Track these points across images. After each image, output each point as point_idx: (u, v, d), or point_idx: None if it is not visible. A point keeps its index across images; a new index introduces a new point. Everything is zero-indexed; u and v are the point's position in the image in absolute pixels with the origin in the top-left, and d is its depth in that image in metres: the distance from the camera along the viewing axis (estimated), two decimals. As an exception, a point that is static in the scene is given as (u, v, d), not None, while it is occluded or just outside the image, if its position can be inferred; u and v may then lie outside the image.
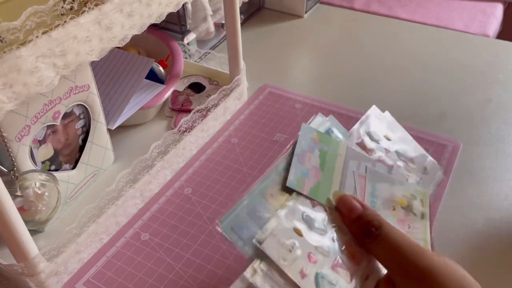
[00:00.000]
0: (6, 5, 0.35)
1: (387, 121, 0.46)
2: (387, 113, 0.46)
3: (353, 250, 0.35)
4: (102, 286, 0.44)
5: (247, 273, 0.31)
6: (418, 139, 0.46)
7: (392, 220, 0.38)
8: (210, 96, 0.60)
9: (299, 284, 0.31)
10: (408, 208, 0.40)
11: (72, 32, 0.36)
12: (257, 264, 0.31)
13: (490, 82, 0.70)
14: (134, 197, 0.50)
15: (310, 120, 0.41)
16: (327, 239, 0.35)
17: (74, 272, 0.45)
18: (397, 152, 0.44)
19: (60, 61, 0.36)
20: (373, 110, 0.46)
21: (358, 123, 0.44)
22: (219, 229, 0.32)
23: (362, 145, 0.42)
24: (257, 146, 0.58)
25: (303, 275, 0.32)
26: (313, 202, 0.36)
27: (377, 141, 0.44)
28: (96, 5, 0.38)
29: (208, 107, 0.59)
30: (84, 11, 0.37)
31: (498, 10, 0.96)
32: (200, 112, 0.58)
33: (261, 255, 0.32)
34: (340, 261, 0.34)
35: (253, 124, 0.62)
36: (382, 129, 0.45)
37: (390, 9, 0.93)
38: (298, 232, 0.34)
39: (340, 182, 0.39)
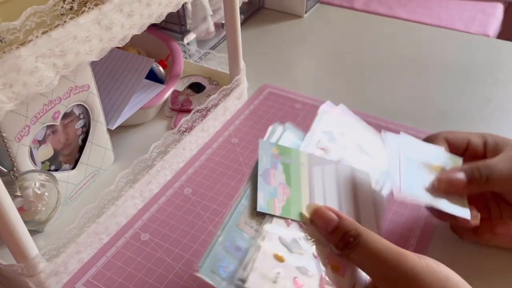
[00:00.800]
0: (6, 5, 0.35)
1: (342, 116, 0.45)
2: (341, 106, 0.46)
3: (336, 262, 0.35)
4: (102, 286, 0.44)
5: None
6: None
7: (431, 176, 0.41)
8: (210, 96, 0.60)
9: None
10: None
11: (72, 32, 0.36)
12: None
13: (490, 82, 0.70)
14: (134, 197, 0.50)
15: (268, 133, 0.41)
16: (308, 258, 0.34)
17: (74, 272, 0.45)
18: (359, 146, 0.44)
19: (60, 61, 0.36)
20: (326, 107, 0.45)
21: (314, 122, 0.43)
22: (199, 275, 0.31)
23: (322, 146, 0.42)
24: (257, 146, 0.58)
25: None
26: (287, 221, 0.36)
27: (335, 140, 0.43)
28: (96, 5, 0.38)
29: (208, 107, 0.59)
30: (84, 11, 0.37)
31: (498, 10, 0.96)
32: (200, 112, 0.58)
33: None
34: (326, 278, 0.34)
35: (253, 124, 0.62)
36: (339, 125, 0.45)
37: (390, 9, 0.93)
38: (279, 259, 0.33)
39: (309, 193, 0.38)
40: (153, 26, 0.50)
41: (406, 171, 0.41)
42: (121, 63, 0.61)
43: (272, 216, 0.35)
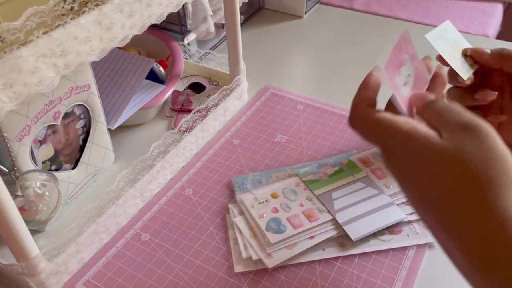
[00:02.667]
0: (6, 5, 0.36)
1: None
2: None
3: (311, 212, 0.48)
4: (102, 286, 0.44)
5: (230, 214, 0.49)
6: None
7: (452, 46, 0.48)
8: (210, 96, 0.60)
9: (257, 220, 0.47)
10: (463, 56, 0.48)
11: (73, 32, 0.36)
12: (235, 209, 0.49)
13: (490, 83, 0.70)
14: (134, 197, 0.50)
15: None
16: (294, 203, 0.49)
17: (74, 272, 0.45)
18: None
19: (61, 61, 0.36)
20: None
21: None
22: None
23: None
24: (259, 147, 0.58)
25: (261, 216, 0.47)
26: (298, 183, 0.51)
27: None
28: (97, 5, 0.38)
29: (208, 107, 0.59)
30: (85, 11, 0.37)
31: (498, 10, 0.96)
32: (200, 112, 0.58)
33: (241, 201, 0.49)
34: (298, 216, 0.47)
35: (255, 125, 0.62)
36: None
37: (390, 10, 0.93)
38: (274, 195, 0.50)
39: (337, 187, 0.51)
40: (153, 27, 0.50)
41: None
42: (122, 63, 0.61)
43: (295, 176, 0.53)
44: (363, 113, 0.38)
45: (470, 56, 0.49)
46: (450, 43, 0.48)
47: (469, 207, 0.32)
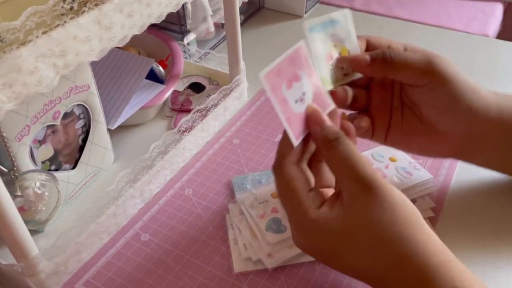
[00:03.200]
0: (6, 5, 0.35)
1: None
2: None
3: None
4: (101, 286, 0.44)
5: (230, 214, 0.49)
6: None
7: (325, 46, 0.41)
8: (210, 96, 0.60)
9: (256, 220, 0.46)
10: (342, 59, 0.42)
11: (72, 32, 0.36)
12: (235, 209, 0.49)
13: (490, 82, 0.70)
14: (134, 197, 0.50)
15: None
16: None
17: (74, 272, 0.45)
18: None
19: (60, 61, 0.36)
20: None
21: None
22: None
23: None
24: (259, 147, 0.58)
25: (261, 216, 0.46)
26: None
27: None
28: (96, 5, 0.38)
29: (208, 107, 0.59)
30: (84, 11, 0.37)
31: (498, 10, 0.96)
32: (200, 112, 0.58)
33: (241, 201, 0.49)
34: None
35: (255, 125, 0.62)
36: None
37: (390, 9, 0.93)
38: (274, 195, 0.48)
39: None
40: (153, 26, 0.50)
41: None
42: (121, 63, 0.61)
43: None
44: (288, 169, 0.37)
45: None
46: (333, 40, 0.41)
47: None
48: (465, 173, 0.53)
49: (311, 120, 0.37)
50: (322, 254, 0.37)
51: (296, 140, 0.36)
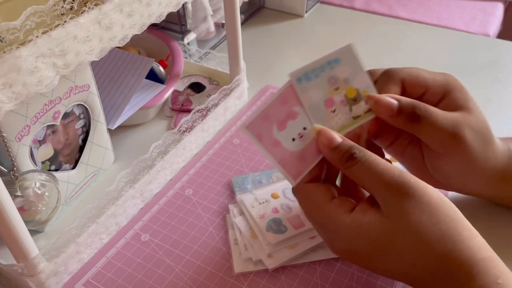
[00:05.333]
0: (6, 5, 0.35)
1: None
2: None
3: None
4: (101, 287, 0.44)
5: (230, 214, 0.49)
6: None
7: (322, 92, 0.37)
8: (210, 96, 0.60)
9: (257, 221, 0.45)
10: (349, 101, 0.37)
11: (72, 32, 0.36)
12: (235, 209, 0.49)
13: (490, 82, 0.70)
14: (134, 197, 0.50)
15: None
16: (295, 203, 0.47)
17: (74, 272, 0.45)
18: None
19: (60, 61, 0.36)
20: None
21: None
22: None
23: None
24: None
25: (261, 216, 0.46)
26: None
27: None
28: (96, 5, 0.38)
29: (208, 107, 0.59)
30: (84, 11, 0.37)
31: (499, 10, 0.96)
32: (200, 112, 0.58)
33: (241, 201, 0.49)
34: (299, 216, 0.45)
35: (254, 124, 0.62)
36: None
37: (391, 9, 0.93)
38: (274, 196, 0.48)
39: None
40: (153, 26, 0.50)
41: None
42: (121, 63, 0.61)
43: None
44: (304, 189, 0.37)
45: (366, 101, 0.37)
46: (333, 83, 0.37)
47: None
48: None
49: (320, 144, 0.36)
50: (360, 259, 0.36)
51: (294, 180, 0.35)
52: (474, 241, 0.33)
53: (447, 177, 0.41)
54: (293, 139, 0.36)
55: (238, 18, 0.58)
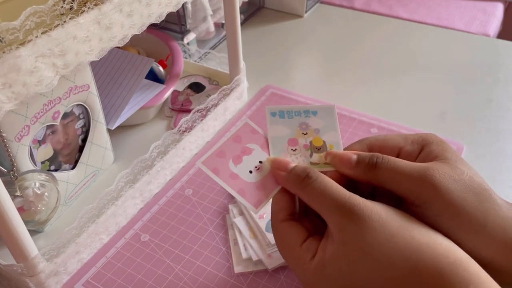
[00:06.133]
0: (5, 5, 0.35)
1: None
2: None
3: None
4: (101, 287, 0.44)
5: (230, 215, 0.49)
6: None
7: (290, 131, 0.39)
8: (210, 96, 0.60)
9: (257, 221, 0.45)
10: (312, 147, 0.39)
11: (72, 32, 0.36)
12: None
13: (490, 82, 0.70)
14: (134, 197, 0.50)
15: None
16: None
17: (73, 272, 0.45)
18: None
19: (60, 61, 0.36)
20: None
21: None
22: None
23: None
24: (257, 146, 0.58)
25: (261, 217, 0.46)
26: None
27: None
28: (96, 5, 0.38)
29: (208, 107, 0.59)
30: (84, 11, 0.37)
31: (499, 10, 0.96)
32: (200, 112, 0.58)
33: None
34: None
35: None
36: None
37: (391, 9, 0.93)
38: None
39: None
40: (153, 26, 0.50)
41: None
42: (121, 63, 0.61)
43: None
44: (278, 226, 0.36)
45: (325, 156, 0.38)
46: (304, 129, 0.40)
47: None
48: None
49: (274, 169, 0.37)
50: None
51: (256, 208, 0.36)
52: (440, 247, 0.31)
53: (443, 231, 0.34)
54: (250, 172, 0.38)
55: (238, 18, 0.58)
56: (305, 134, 0.39)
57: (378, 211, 0.32)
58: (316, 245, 0.34)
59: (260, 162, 0.38)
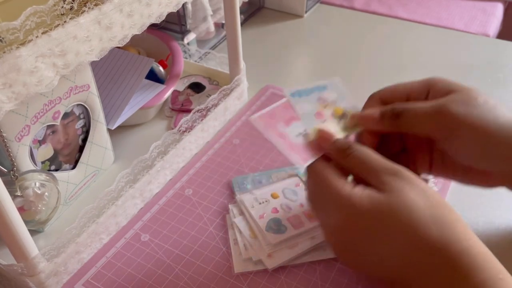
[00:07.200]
0: (6, 5, 0.35)
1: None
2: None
3: (311, 212, 0.46)
4: (101, 287, 0.44)
5: (230, 214, 0.49)
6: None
7: (313, 106, 0.42)
8: (210, 96, 0.60)
9: (257, 221, 0.46)
10: (336, 116, 0.42)
11: (72, 32, 0.36)
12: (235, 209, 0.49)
13: (490, 82, 0.70)
14: (134, 197, 0.50)
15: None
16: (294, 203, 0.48)
17: (73, 272, 0.45)
18: None
19: (60, 61, 0.36)
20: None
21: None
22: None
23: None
24: (259, 147, 0.58)
25: (261, 216, 0.47)
26: (299, 183, 0.51)
27: None
28: (96, 5, 0.38)
29: (208, 107, 0.59)
30: (84, 11, 0.37)
31: (498, 10, 0.96)
32: (200, 112, 0.58)
33: (241, 201, 0.49)
34: (299, 216, 0.47)
35: (254, 125, 0.62)
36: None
37: (390, 9, 0.93)
38: (274, 196, 0.49)
39: None
40: (153, 26, 0.50)
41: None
42: (121, 63, 0.61)
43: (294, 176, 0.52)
44: (317, 166, 0.38)
45: (351, 118, 0.41)
46: (322, 102, 0.42)
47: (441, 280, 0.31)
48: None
49: (321, 139, 0.39)
50: (350, 244, 0.35)
51: (303, 164, 0.38)
52: (469, 234, 0.32)
53: (474, 162, 0.37)
54: (297, 135, 0.40)
55: (238, 18, 0.58)
56: (325, 107, 0.42)
57: (422, 182, 0.34)
58: (354, 183, 0.36)
59: (305, 130, 0.40)
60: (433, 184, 0.51)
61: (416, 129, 0.38)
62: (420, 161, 0.41)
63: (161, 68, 0.65)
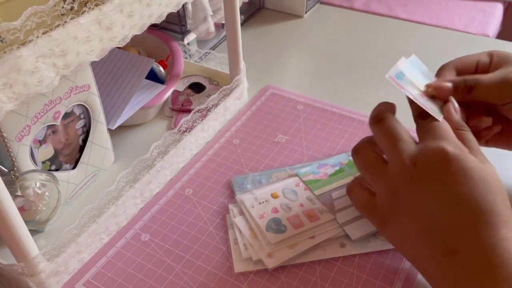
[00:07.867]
0: (6, 5, 0.35)
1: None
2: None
3: (312, 212, 0.47)
4: (101, 286, 0.44)
5: (230, 214, 0.49)
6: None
7: (415, 87, 0.44)
8: (210, 96, 0.60)
9: (257, 220, 0.47)
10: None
11: (72, 32, 0.36)
12: (235, 209, 0.49)
13: (490, 82, 0.70)
14: (134, 197, 0.50)
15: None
16: (294, 203, 0.49)
17: (74, 272, 0.45)
18: None
19: (60, 61, 0.36)
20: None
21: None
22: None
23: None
24: (259, 147, 0.58)
25: (261, 216, 0.47)
26: (299, 183, 0.51)
27: None
28: (96, 5, 0.38)
29: (208, 107, 0.59)
30: (84, 11, 0.37)
31: (498, 10, 0.96)
32: (200, 112, 0.58)
33: (241, 201, 0.49)
34: (299, 216, 0.47)
35: (255, 125, 0.62)
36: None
37: (390, 9, 0.93)
38: (274, 196, 0.50)
39: (338, 187, 0.50)
40: (153, 26, 0.50)
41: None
42: (122, 63, 0.61)
43: (294, 176, 0.53)
44: (384, 118, 0.43)
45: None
46: (417, 81, 0.45)
47: None
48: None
49: (437, 89, 0.43)
50: (398, 201, 0.38)
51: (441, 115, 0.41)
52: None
53: None
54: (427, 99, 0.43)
55: (238, 18, 0.59)
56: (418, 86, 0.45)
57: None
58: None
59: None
60: None
61: (486, 99, 0.43)
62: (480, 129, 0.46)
63: (161, 68, 0.65)
